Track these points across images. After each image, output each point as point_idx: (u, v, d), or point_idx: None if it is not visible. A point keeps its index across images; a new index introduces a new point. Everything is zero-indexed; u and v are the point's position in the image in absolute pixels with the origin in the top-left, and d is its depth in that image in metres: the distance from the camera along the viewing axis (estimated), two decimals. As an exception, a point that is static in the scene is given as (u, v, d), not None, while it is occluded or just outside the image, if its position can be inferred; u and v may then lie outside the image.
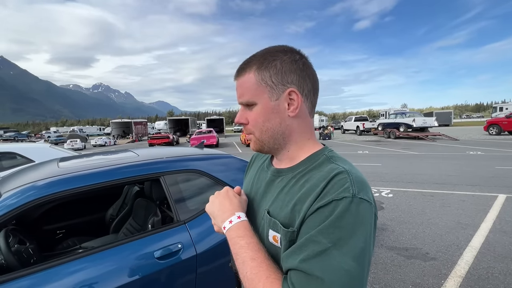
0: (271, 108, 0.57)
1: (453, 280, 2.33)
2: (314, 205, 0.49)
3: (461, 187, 5.28)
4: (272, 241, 0.55)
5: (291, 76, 0.56)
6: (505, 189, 4.96)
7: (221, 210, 0.62)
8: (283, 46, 0.60)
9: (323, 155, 0.58)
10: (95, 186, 1.39)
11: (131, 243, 1.38)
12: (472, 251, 2.80)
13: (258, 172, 0.71)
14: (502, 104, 33.06)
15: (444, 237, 3.15)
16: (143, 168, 1.58)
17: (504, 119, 16.71)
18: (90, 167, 1.52)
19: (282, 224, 0.53)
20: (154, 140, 21.03)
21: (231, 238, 0.57)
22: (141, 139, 32.83)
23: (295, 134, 0.60)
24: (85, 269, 1.23)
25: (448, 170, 6.95)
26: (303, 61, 0.58)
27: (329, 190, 0.49)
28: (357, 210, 0.47)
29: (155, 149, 2.28)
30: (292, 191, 0.56)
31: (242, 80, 0.59)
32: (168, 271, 1.37)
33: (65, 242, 2.23)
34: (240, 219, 0.59)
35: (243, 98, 0.59)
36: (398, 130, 17.72)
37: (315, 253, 0.46)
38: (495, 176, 6.01)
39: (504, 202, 4.27)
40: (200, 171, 1.74)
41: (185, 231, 1.50)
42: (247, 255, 0.52)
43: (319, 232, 0.47)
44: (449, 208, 4.14)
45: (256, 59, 0.58)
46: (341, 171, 0.51)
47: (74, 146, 23.02)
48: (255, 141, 0.62)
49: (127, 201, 2.47)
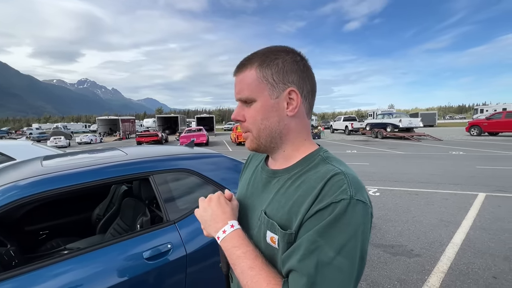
0: (270, 106, 0.57)
1: (436, 275, 2.42)
2: (312, 208, 0.49)
3: (444, 186, 5.48)
4: (270, 242, 0.55)
5: (292, 76, 0.57)
6: (485, 188, 5.19)
7: (213, 220, 0.61)
8: (285, 46, 0.60)
9: (319, 155, 0.59)
10: (82, 185, 1.34)
11: (119, 243, 1.35)
12: (454, 247, 2.91)
13: (254, 173, 0.71)
14: (483, 106, 34.53)
15: (428, 234, 3.26)
16: (131, 167, 1.55)
17: (484, 120, 17.44)
18: (76, 166, 1.47)
19: (279, 225, 0.54)
20: (143, 138, 20.61)
21: (227, 248, 0.57)
22: (129, 136, 32.11)
23: (292, 134, 0.60)
24: (71, 270, 1.19)
25: (432, 170, 7.19)
26: (303, 62, 0.59)
27: (327, 192, 0.49)
28: (354, 211, 0.48)
29: (144, 147, 2.24)
30: (288, 192, 0.56)
31: (243, 76, 0.59)
32: (158, 272, 1.35)
33: (49, 243, 2.15)
34: (233, 228, 0.58)
35: (242, 94, 0.59)
36: (385, 130, 18.16)
37: (310, 251, 0.47)
38: (476, 176, 6.27)
39: (483, 200, 4.46)
40: (190, 170, 1.72)
41: (175, 231, 1.49)
42: (245, 264, 0.52)
43: (315, 231, 0.48)
44: (432, 206, 4.29)
45: (258, 56, 0.58)
46: (338, 173, 0.52)
47: (58, 143, 22.24)
48: (252, 140, 0.61)
49: (114, 200, 2.42)
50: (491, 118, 17.03)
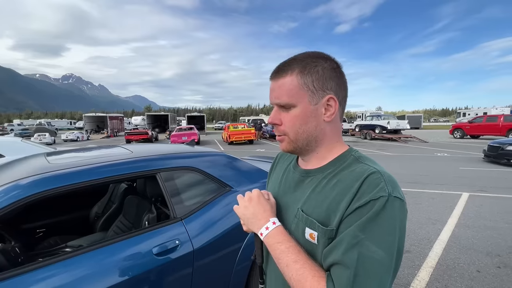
0: (309, 112, 0.60)
1: (425, 270, 2.56)
2: (352, 205, 0.52)
3: (430, 186, 5.72)
4: (309, 238, 0.58)
5: (330, 83, 0.59)
6: (468, 187, 5.45)
7: (256, 218, 0.64)
8: (321, 52, 0.62)
9: (351, 155, 0.62)
10: (91, 183, 1.35)
11: (127, 240, 1.37)
12: (441, 244, 3.07)
13: (286, 172, 0.74)
14: (465, 110, 35.95)
15: (417, 232, 3.41)
16: (140, 165, 1.57)
17: (467, 124, 18.19)
18: (85, 163, 1.48)
19: (319, 222, 0.56)
20: (132, 136, 20.17)
21: (270, 244, 0.60)
22: (117, 134, 31.38)
23: (326, 138, 0.62)
24: (82, 267, 1.20)
25: (419, 170, 7.47)
26: (339, 69, 0.61)
27: (365, 190, 0.52)
28: (392, 207, 0.51)
29: (147, 146, 2.24)
30: (325, 191, 0.59)
31: (282, 82, 0.60)
32: (166, 267, 1.38)
33: (46, 241, 2.13)
34: (275, 225, 0.61)
35: (281, 99, 0.60)
36: (373, 131, 18.60)
37: (351, 245, 0.50)
38: (460, 176, 6.57)
39: (467, 199, 4.70)
40: (194, 168, 1.76)
41: (182, 227, 1.52)
42: (289, 258, 0.55)
43: (356, 227, 0.51)
44: (420, 205, 4.48)
45: (297, 62, 0.59)
46: (374, 172, 0.55)
47: (43, 140, 21.43)
48: (288, 142, 0.63)
49: (113, 198, 2.41)
50: (473, 121, 17.78)
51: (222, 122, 54.83)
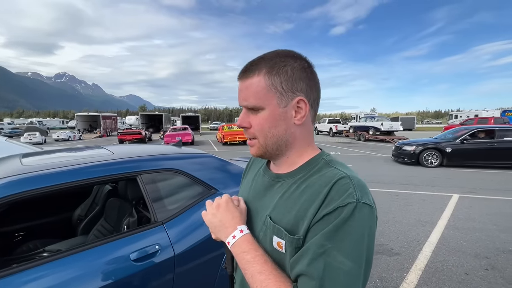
0: (278, 114, 0.56)
1: (414, 273, 2.55)
2: (319, 212, 0.49)
3: (421, 187, 5.76)
4: (277, 247, 0.55)
5: (300, 84, 0.56)
6: (458, 189, 5.51)
7: (223, 226, 0.61)
8: (291, 51, 0.58)
9: (322, 159, 0.59)
10: (65, 185, 1.29)
11: (105, 245, 1.32)
12: (431, 246, 3.08)
13: (256, 176, 0.71)
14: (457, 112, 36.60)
15: (407, 234, 3.41)
16: (118, 167, 1.51)
17: (459, 126, 18.48)
18: (60, 164, 1.42)
19: (286, 230, 0.54)
20: (125, 135, 19.91)
21: (237, 254, 0.57)
22: (110, 134, 30.99)
23: (297, 142, 0.60)
24: (53, 274, 1.14)
25: (410, 172, 7.52)
26: (311, 69, 0.58)
27: (333, 196, 0.50)
28: (361, 214, 0.48)
29: (130, 146, 2.18)
30: (294, 197, 0.56)
31: (250, 83, 0.56)
32: (145, 273, 1.33)
33: (25, 245, 2.05)
34: (243, 233, 0.58)
35: (248, 102, 0.57)
36: (367, 133, 18.75)
37: (317, 255, 0.47)
38: (450, 178, 6.64)
39: (457, 201, 4.74)
40: (178, 170, 1.70)
41: (163, 232, 1.47)
42: (255, 269, 0.53)
43: (322, 235, 0.48)
44: (411, 207, 4.50)
45: (265, 62, 0.56)
46: (343, 176, 0.52)
47: (33, 140, 21.03)
48: (258, 147, 0.60)
49: (97, 200, 2.34)
50: (464, 123, 18.08)
51: (217, 123, 54.64)
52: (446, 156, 8.05)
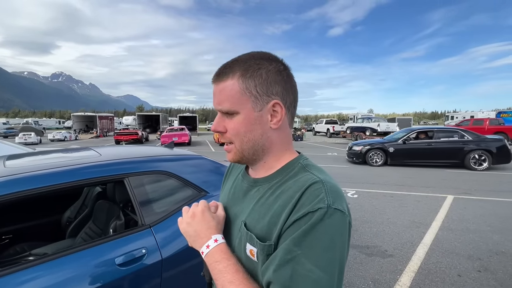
0: (253, 119, 0.55)
1: (407, 275, 2.54)
2: (290, 218, 0.48)
3: (417, 188, 5.77)
4: (249, 255, 0.54)
5: (275, 88, 0.55)
6: (453, 190, 5.53)
7: (198, 236, 0.59)
8: (266, 53, 0.57)
9: (298, 163, 0.58)
10: (49, 188, 1.26)
11: (90, 249, 1.29)
12: (424, 247, 3.07)
13: (235, 181, 0.69)
14: (453, 113, 36.85)
15: (400, 235, 3.41)
16: (105, 169, 1.48)
17: (454, 127, 18.60)
18: (44, 167, 1.39)
19: (258, 237, 0.52)
20: (121, 136, 19.78)
21: (210, 263, 0.56)
22: (107, 134, 30.80)
23: (274, 146, 0.58)
24: (37, 278, 1.12)
25: (406, 173, 7.55)
26: (286, 72, 0.57)
27: (304, 201, 0.48)
28: (331, 220, 0.46)
29: (120, 148, 2.15)
30: (268, 202, 0.55)
31: (223, 86, 0.55)
32: (131, 278, 1.30)
33: (12, 249, 2.01)
34: (217, 243, 0.57)
35: (223, 106, 0.56)
36: (364, 133, 18.81)
37: (285, 261, 0.46)
38: (445, 179, 6.67)
39: (451, 202, 4.75)
40: (168, 173, 1.68)
41: (150, 235, 1.44)
42: (225, 279, 0.51)
43: (291, 240, 0.47)
44: (406, 208, 4.50)
45: (239, 65, 0.55)
46: (316, 181, 0.50)
47: (28, 140, 20.84)
48: (235, 152, 0.59)
49: (87, 202, 2.31)
50: (460, 124, 18.20)
51: (214, 123, 54.43)
52: (389, 156, 8.57)
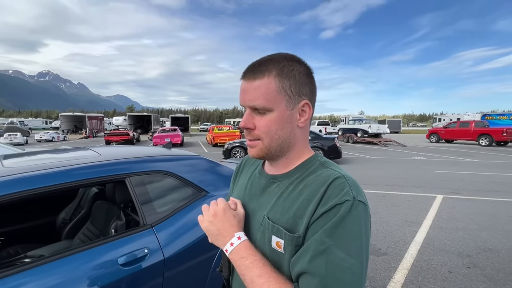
0: (286, 117, 0.58)
1: (401, 272, 2.61)
2: (318, 211, 0.51)
3: (407, 188, 5.92)
4: (275, 247, 0.56)
5: (305, 88, 0.58)
6: (442, 190, 5.69)
7: (221, 234, 0.60)
8: (295, 55, 0.60)
9: (317, 160, 0.61)
10: (50, 188, 1.25)
11: (91, 249, 1.28)
12: (416, 245, 3.16)
13: (251, 178, 0.71)
14: (441, 116, 37.91)
15: (393, 234, 3.50)
16: (106, 169, 1.47)
17: (442, 129, 19.14)
18: (45, 166, 1.37)
19: (285, 229, 0.54)
20: (112, 137, 19.37)
21: (235, 260, 0.57)
22: (96, 135, 30.17)
23: (297, 143, 0.61)
24: (38, 280, 1.10)
25: (397, 173, 7.72)
26: (312, 75, 0.61)
27: (331, 195, 0.51)
28: (357, 212, 0.50)
29: (119, 148, 2.13)
30: (292, 197, 0.57)
31: (259, 83, 0.56)
32: (133, 278, 1.30)
33: (5, 251, 1.96)
34: (240, 240, 0.58)
35: (256, 102, 0.57)
36: (355, 135, 19.12)
37: (319, 252, 0.48)
38: (435, 179, 6.85)
39: (441, 202, 4.90)
40: (168, 172, 1.68)
41: (152, 235, 1.44)
42: (254, 273, 0.53)
43: (323, 232, 0.49)
44: (398, 207, 4.61)
45: (274, 64, 0.57)
46: (339, 176, 0.54)
47: (13, 140, 20.17)
48: (261, 149, 0.60)
49: (83, 203, 2.27)
50: (447, 126, 18.74)
51: (207, 124, 54.21)
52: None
